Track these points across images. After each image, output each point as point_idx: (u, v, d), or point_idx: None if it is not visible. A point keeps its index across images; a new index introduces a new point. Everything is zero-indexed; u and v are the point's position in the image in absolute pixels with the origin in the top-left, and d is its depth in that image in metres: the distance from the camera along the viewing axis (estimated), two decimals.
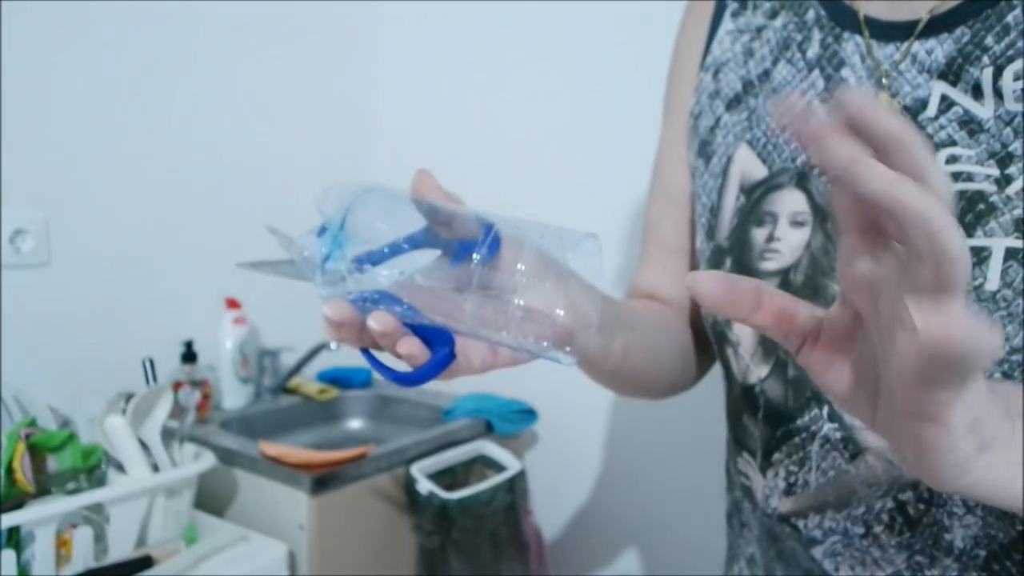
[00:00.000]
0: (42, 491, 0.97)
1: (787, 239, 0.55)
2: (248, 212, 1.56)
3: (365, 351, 0.46)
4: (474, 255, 0.38)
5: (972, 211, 0.46)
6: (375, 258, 0.41)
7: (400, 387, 0.44)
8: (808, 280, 0.53)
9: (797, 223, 0.55)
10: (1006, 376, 0.45)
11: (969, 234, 0.46)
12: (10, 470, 0.93)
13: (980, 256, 0.46)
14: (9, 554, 0.89)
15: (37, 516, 0.90)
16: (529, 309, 0.38)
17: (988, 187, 0.46)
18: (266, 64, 1.59)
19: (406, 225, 0.41)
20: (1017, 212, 0.45)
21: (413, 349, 0.42)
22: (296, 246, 0.43)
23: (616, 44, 1.40)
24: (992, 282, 0.45)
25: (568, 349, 0.40)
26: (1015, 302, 0.44)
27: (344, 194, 0.42)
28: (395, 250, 0.41)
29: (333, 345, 1.50)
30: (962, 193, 0.47)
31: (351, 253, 0.41)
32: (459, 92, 1.69)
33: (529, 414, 1.47)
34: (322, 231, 0.43)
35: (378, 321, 0.40)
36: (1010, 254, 0.45)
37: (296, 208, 1.62)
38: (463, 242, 0.40)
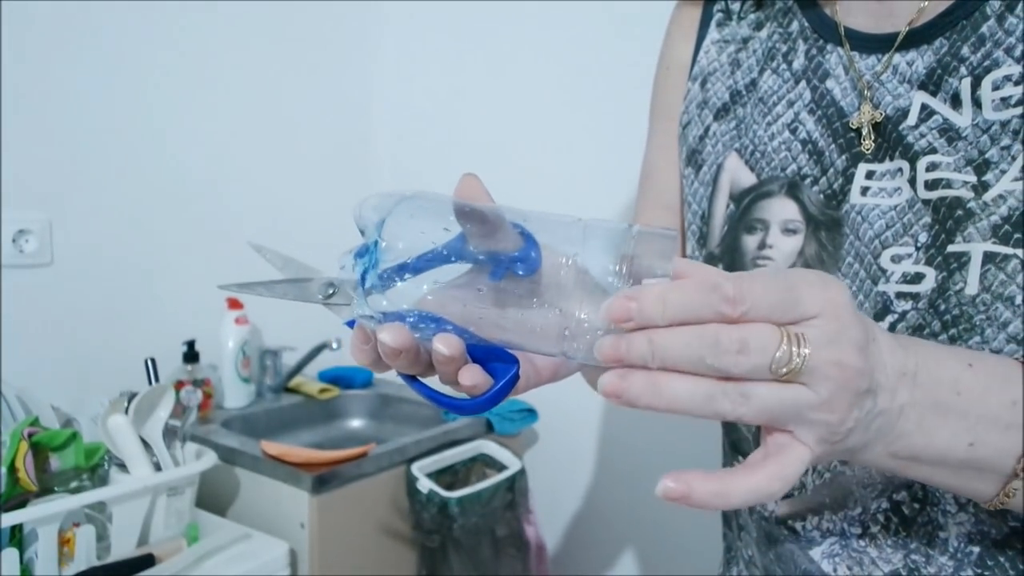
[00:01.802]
0: (45, 490, 0.98)
1: (779, 246, 0.55)
2: (249, 212, 1.57)
3: (413, 380, 0.41)
4: (562, 265, 0.35)
5: (951, 217, 0.47)
6: (404, 271, 0.38)
7: (442, 409, 0.41)
8: None
9: (789, 231, 0.55)
10: None
11: (949, 239, 0.47)
12: (13, 469, 0.93)
13: (960, 261, 0.47)
14: (12, 552, 0.89)
15: (40, 515, 0.91)
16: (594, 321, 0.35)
17: (966, 193, 0.47)
18: (267, 66, 1.60)
19: (449, 235, 0.38)
20: (994, 217, 0.46)
21: (477, 379, 0.38)
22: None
23: (615, 46, 1.41)
24: (972, 286, 0.46)
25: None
26: (994, 305, 0.45)
27: (381, 205, 0.39)
28: (425, 262, 0.37)
29: (335, 345, 1.51)
30: (942, 199, 0.48)
31: (383, 268, 0.38)
32: (457, 93, 1.70)
33: (529, 413, 1.48)
34: (362, 252, 0.39)
35: (447, 345, 0.37)
36: (988, 258, 0.45)
37: (297, 208, 1.64)
38: (500, 255, 0.37)
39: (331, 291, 0.42)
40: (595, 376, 0.56)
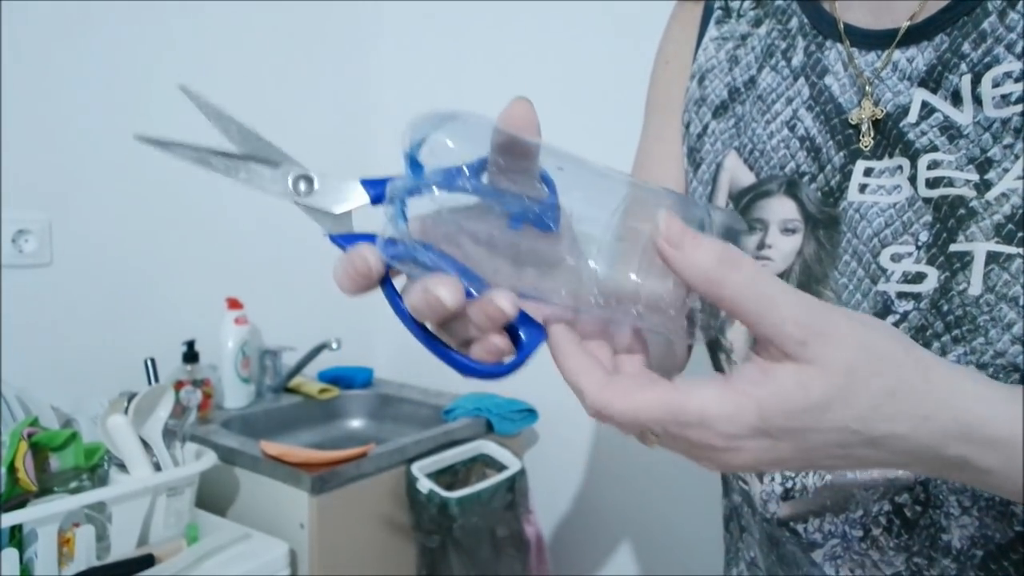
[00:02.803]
0: (44, 490, 0.97)
1: (778, 246, 0.55)
2: (249, 212, 1.56)
3: (425, 333, 0.34)
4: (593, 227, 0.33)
5: (953, 216, 0.47)
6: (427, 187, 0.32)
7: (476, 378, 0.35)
8: (801, 287, 0.53)
9: (788, 230, 0.55)
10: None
11: (951, 239, 0.47)
12: (12, 469, 0.93)
13: (963, 261, 0.46)
14: (11, 553, 0.89)
15: (39, 515, 0.91)
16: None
17: (968, 192, 0.46)
18: (266, 66, 1.60)
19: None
20: (997, 216, 0.45)
21: (503, 345, 0.33)
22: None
23: (615, 46, 1.41)
24: (975, 286, 0.45)
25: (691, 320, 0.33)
26: (998, 306, 0.45)
27: (422, 124, 0.33)
28: (446, 178, 0.32)
29: (335, 345, 1.51)
30: (943, 198, 0.48)
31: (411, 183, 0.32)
32: (457, 93, 1.69)
33: (529, 413, 1.48)
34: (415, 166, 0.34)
35: (450, 291, 0.31)
36: (991, 258, 0.45)
37: (296, 208, 1.63)
38: (524, 200, 0.32)
39: (305, 187, 0.33)
40: None
